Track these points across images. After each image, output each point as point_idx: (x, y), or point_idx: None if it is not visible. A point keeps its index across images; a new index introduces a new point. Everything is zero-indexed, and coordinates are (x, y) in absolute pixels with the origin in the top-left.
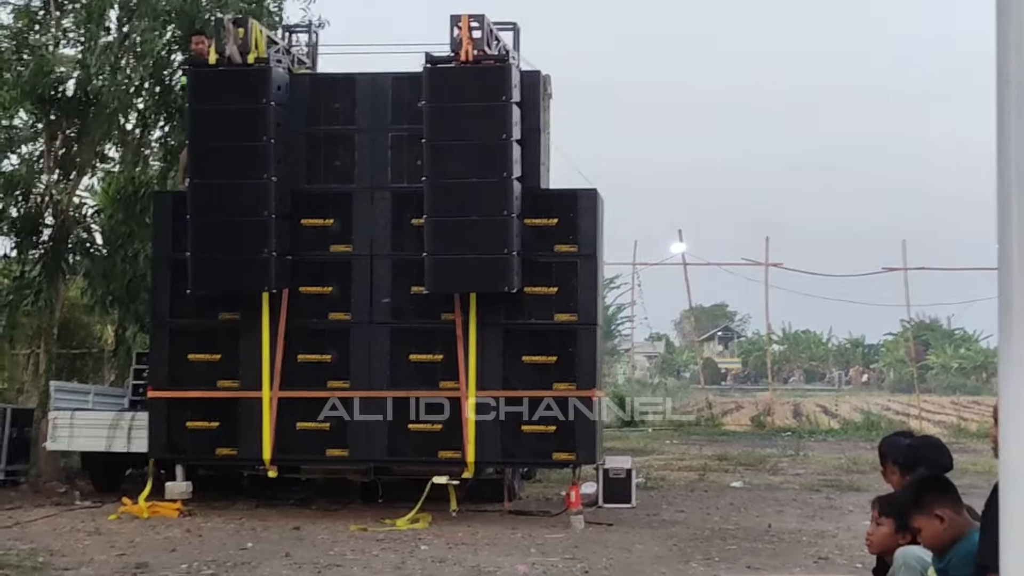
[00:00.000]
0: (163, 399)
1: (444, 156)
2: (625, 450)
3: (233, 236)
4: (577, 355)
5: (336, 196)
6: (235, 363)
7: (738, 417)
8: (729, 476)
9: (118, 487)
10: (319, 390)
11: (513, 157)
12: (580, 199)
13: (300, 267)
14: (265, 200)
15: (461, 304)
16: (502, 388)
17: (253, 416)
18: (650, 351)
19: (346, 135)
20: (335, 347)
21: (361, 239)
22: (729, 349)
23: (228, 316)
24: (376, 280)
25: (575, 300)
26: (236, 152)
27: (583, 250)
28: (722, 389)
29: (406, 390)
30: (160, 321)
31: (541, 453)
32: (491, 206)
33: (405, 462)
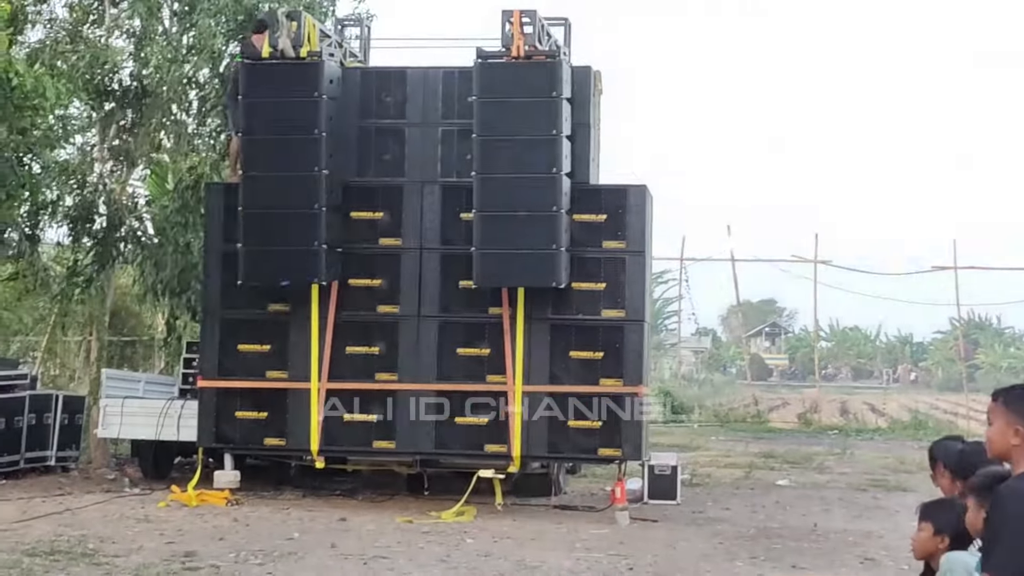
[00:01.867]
0: (212, 388)
1: (494, 151)
2: (671, 446)
3: (283, 228)
4: (624, 351)
5: (386, 189)
6: (284, 354)
7: (784, 414)
8: (775, 474)
9: (167, 475)
10: (367, 382)
11: (562, 152)
12: (629, 195)
13: (349, 260)
14: (316, 193)
15: (509, 299)
16: (549, 383)
17: (301, 407)
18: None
19: (397, 129)
20: (383, 340)
21: (410, 232)
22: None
23: (278, 307)
24: (425, 274)
25: (623, 296)
26: (288, 145)
27: (631, 246)
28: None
29: (453, 383)
30: (211, 311)
31: (587, 448)
32: (540, 201)
33: (451, 455)
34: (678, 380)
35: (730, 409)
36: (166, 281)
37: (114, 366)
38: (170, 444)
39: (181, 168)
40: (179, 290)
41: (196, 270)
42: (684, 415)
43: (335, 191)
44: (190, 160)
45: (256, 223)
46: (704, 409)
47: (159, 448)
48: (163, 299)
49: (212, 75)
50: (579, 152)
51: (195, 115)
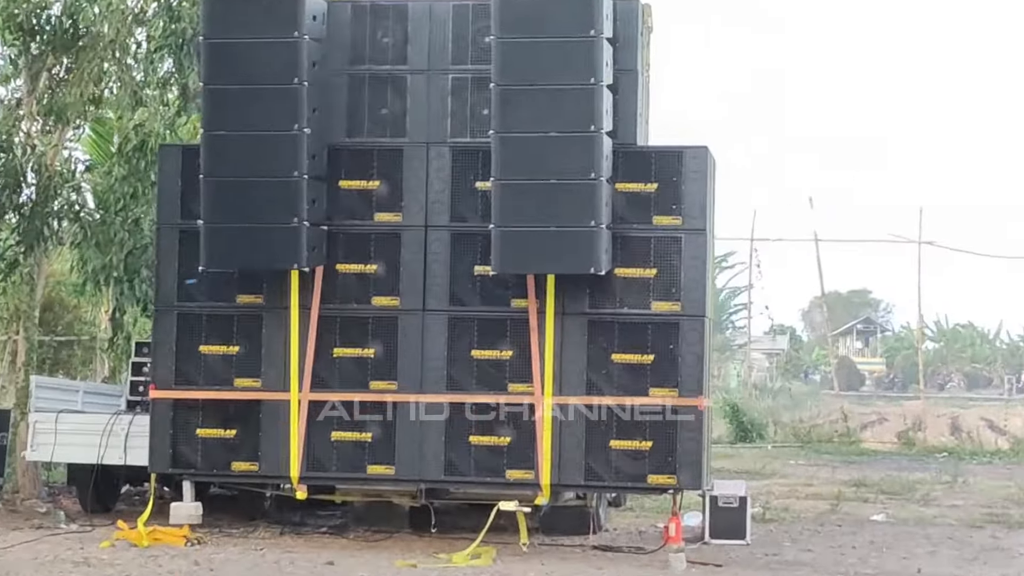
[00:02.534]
0: (168, 400)
1: (517, 104)
2: (738, 472)
3: (256, 201)
4: (680, 353)
5: (383, 153)
6: (257, 357)
7: (881, 432)
8: (869, 507)
9: (112, 508)
10: (360, 392)
11: (603, 106)
12: (686, 159)
13: (338, 240)
14: (295, 157)
15: (536, 288)
16: (586, 393)
17: (278, 423)
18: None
19: (396, 77)
20: (380, 339)
21: (413, 206)
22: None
23: (249, 299)
24: (431, 257)
25: (678, 285)
26: (260, 97)
27: (689, 222)
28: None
29: (467, 393)
30: (165, 304)
31: (634, 475)
32: (575, 166)
33: (464, 483)
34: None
35: (813, 426)
36: (110, 266)
37: (46, 372)
38: (116, 470)
39: (127, 126)
40: (126, 278)
41: (147, 253)
42: (755, 434)
43: (319, 155)
44: (138, 115)
45: (221, 194)
46: (780, 426)
47: (102, 475)
48: (107, 289)
49: (162, 9)
50: (624, 105)
51: (143, 59)
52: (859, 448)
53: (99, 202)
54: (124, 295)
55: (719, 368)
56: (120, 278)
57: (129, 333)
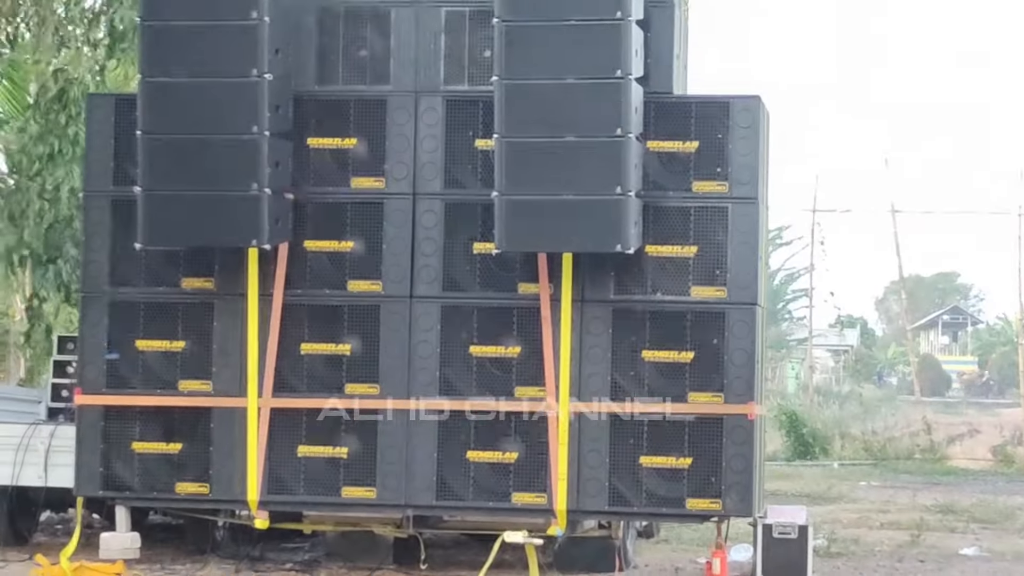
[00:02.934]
0: (98, 407)
1: (526, 44)
2: (797, 496)
3: (206, 163)
4: (726, 350)
5: (361, 104)
6: (206, 355)
7: (972, 447)
8: (958, 538)
9: (29, 539)
10: (333, 396)
11: (631, 46)
12: (734, 112)
13: (306, 211)
14: (254, 109)
15: (550, 271)
16: (611, 399)
17: (233, 435)
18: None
19: (377, 12)
20: (357, 333)
21: (398, 169)
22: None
23: (197, 284)
24: (420, 232)
25: (723, 266)
26: (211, 36)
27: (737, 190)
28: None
29: (465, 399)
30: (94, 289)
31: (669, 499)
32: (597, 121)
33: (461, 509)
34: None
35: (889, 439)
36: (26, 244)
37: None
38: (34, 492)
39: (45, 71)
40: (46, 258)
41: (72, 227)
42: (818, 449)
43: (283, 107)
44: (60, 59)
45: (163, 155)
46: (849, 440)
47: (17, 498)
48: (22, 271)
49: None
50: (657, 46)
51: None
52: (945, 466)
53: (11, 165)
54: (43, 279)
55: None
56: (39, 258)
57: (50, 325)
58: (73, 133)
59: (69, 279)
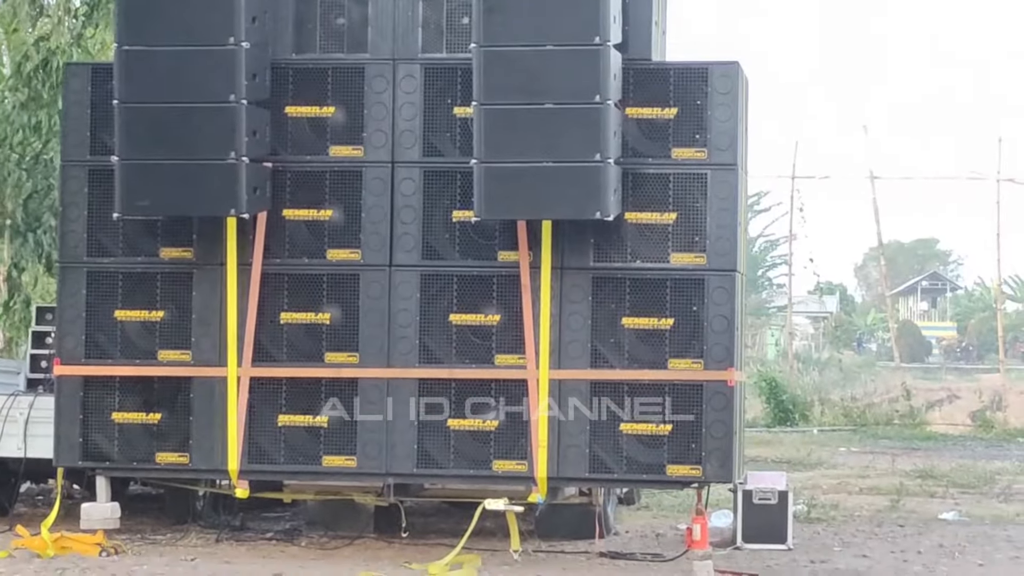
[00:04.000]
0: (77, 378)
1: (504, 10)
2: (778, 462)
3: (183, 132)
4: (705, 317)
5: (339, 72)
6: (186, 325)
7: (951, 412)
8: (937, 503)
9: (9, 510)
10: (313, 366)
11: (609, 12)
12: (713, 77)
13: (285, 180)
14: (231, 77)
15: (529, 238)
16: (590, 366)
17: (212, 405)
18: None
19: None
20: (337, 302)
21: (377, 137)
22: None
23: (175, 253)
24: (399, 200)
25: (703, 233)
26: (187, 3)
27: (716, 156)
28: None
29: (444, 367)
30: (72, 259)
31: (649, 466)
32: (575, 87)
33: (442, 477)
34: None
35: (868, 405)
36: (6, 214)
37: None
38: (13, 463)
39: (26, 40)
40: (24, 228)
41: (51, 197)
42: (798, 415)
43: (261, 75)
44: (39, 28)
45: (140, 124)
46: (828, 406)
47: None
48: (1, 241)
49: None
50: (635, 12)
51: None
52: (925, 432)
53: None
54: (23, 249)
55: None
56: (17, 228)
57: (28, 296)
58: (55, 103)
59: (49, 249)
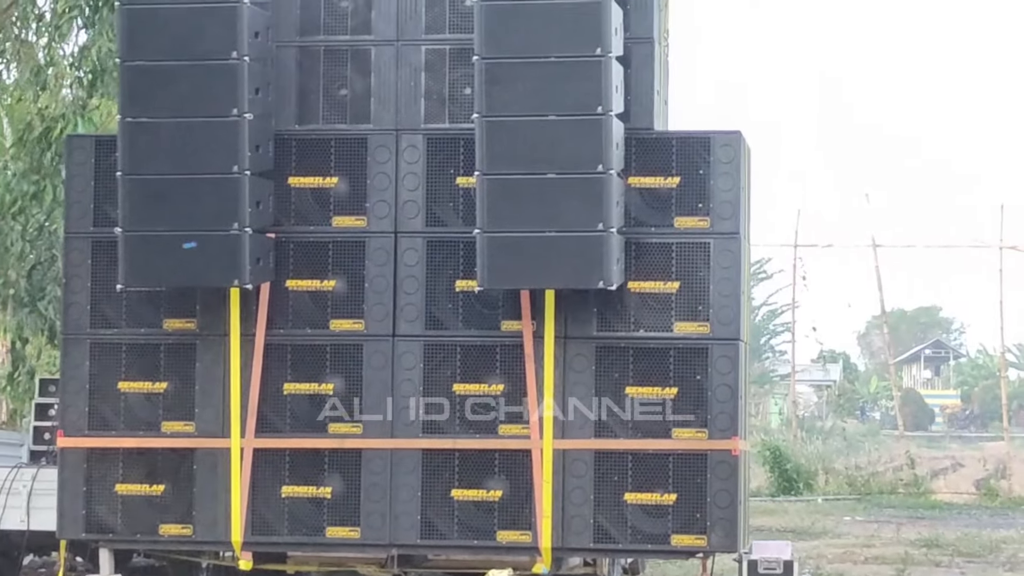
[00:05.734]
0: (80, 449)
1: (507, 81)
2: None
3: (187, 203)
4: (709, 386)
5: (342, 143)
6: (189, 396)
7: (956, 481)
8: (943, 572)
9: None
10: (316, 436)
11: (611, 82)
12: (715, 146)
13: (288, 250)
14: (234, 149)
15: (532, 308)
16: (595, 436)
17: (216, 476)
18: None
19: (357, 50)
20: (340, 373)
21: (380, 207)
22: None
23: (179, 324)
24: (402, 270)
25: (706, 302)
26: (191, 75)
27: (719, 225)
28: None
29: (448, 437)
30: (76, 331)
31: (654, 535)
32: (578, 157)
33: (446, 547)
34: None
35: (872, 474)
36: (9, 285)
37: None
38: (16, 536)
39: (29, 110)
40: (28, 299)
41: (54, 268)
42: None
43: (264, 146)
44: (42, 99)
45: (143, 195)
46: (833, 475)
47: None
48: (4, 312)
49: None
50: (637, 82)
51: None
52: (929, 500)
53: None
54: (25, 320)
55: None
56: (21, 300)
57: (32, 367)
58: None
59: (52, 321)
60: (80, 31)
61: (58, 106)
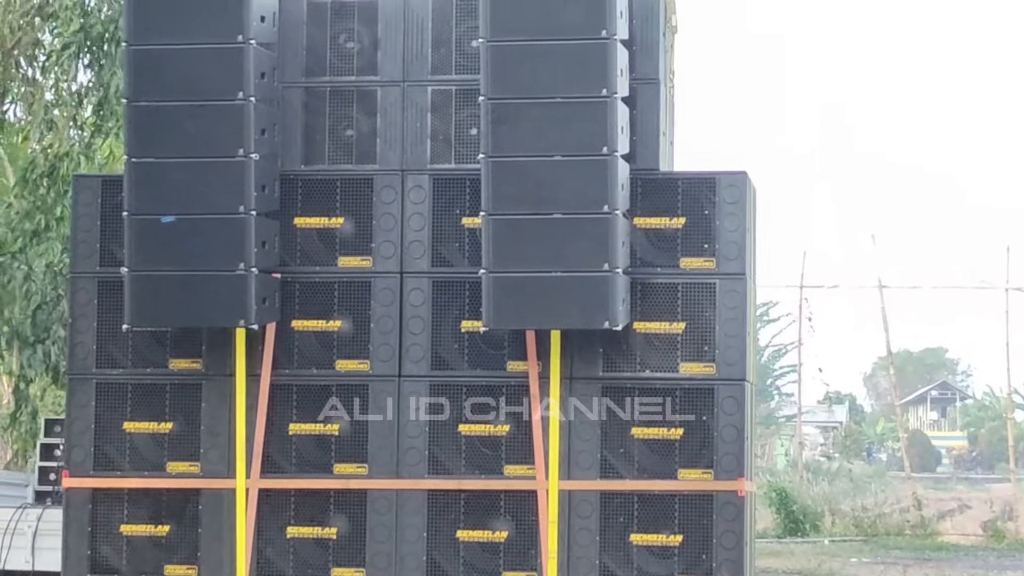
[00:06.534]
0: (85, 490)
1: (512, 121)
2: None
3: (192, 243)
4: (715, 427)
5: (348, 183)
6: (194, 436)
7: (963, 522)
8: None
9: None
10: (321, 477)
11: (617, 123)
12: (720, 187)
13: (293, 291)
14: (240, 189)
15: (538, 348)
16: (600, 477)
17: (221, 517)
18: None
19: (363, 91)
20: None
21: (385, 248)
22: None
23: (184, 364)
24: (408, 311)
25: (712, 342)
26: (197, 116)
27: (725, 265)
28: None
29: (454, 478)
30: (82, 371)
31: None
32: (584, 198)
33: None
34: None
35: (879, 516)
36: (13, 325)
37: None
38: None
39: (34, 148)
40: (33, 339)
41: (59, 308)
42: (808, 525)
43: (270, 186)
44: (46, 139)
45: (149, 235)
46: (839, 516)
47: None
48: (9, 352)
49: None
50: (643, 123)
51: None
52: (936, 542)
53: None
54: (30, 361)
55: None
56: (26, 339)
57: (36, 408)
58: (60, 210)
59: (57, 361)
60: (85, 70)
61: (62, 145)
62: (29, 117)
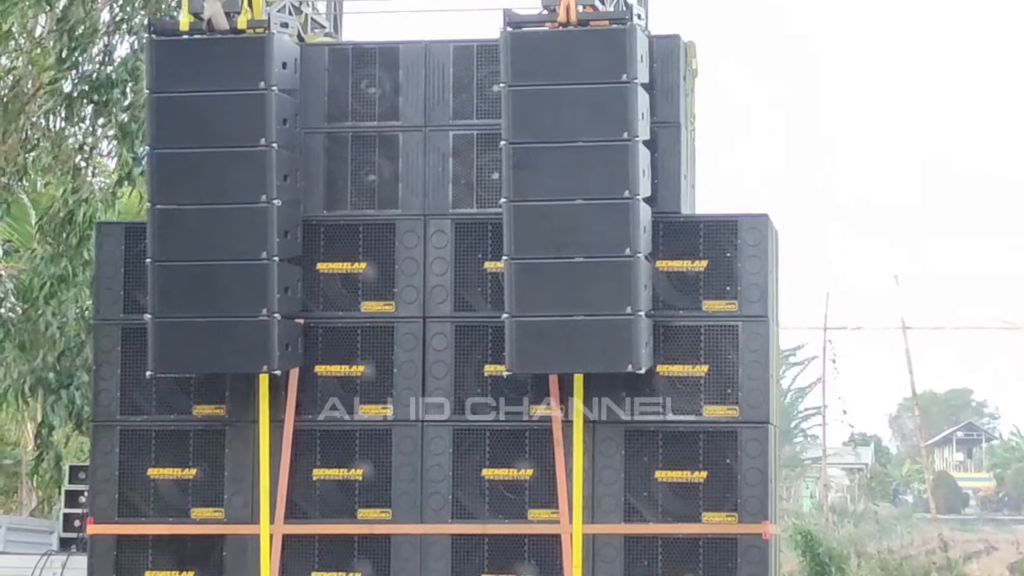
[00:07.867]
0: (110, 536)
1: (534, 166)
2: None
3: (215, 289)
4: (739, 470)
5: (370, 228)
6: (218, 482)
7: (989, 564)
8: None
9: None
10: (345, 522)
11: (639, 166)
12: (742, 229)
13: (316, 336)
14: (263, 235)
15: (561, 392)
16: (624, 520)
17: (245, 562)
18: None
19: (385, 136)
20: (369, 458)
21: (408, 293)
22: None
23: (208, 411)
24: (431, 355)
25: (735, 385)
26: (220, 162)
27: (747, 308)
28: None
29: (478, 522)
30: (106, 418)
31: None
32: (606, 241)
33: None
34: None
35: (905, 558)
36: (37, 372)
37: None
38: None
39: (55, 196)
40: (57, 386)
41: (83, 354)
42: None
43: (292, 232)
44: (67, 184)
45: (172, 282)
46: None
47: None
48: (33, 400)
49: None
50: (664, 166)
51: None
52: None
53: (21, 293)
54: (54, 408)
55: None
56: (49, 386)
57: (60, 455)
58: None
59: (80, 408)
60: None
61: (84, 190)
62: (66, 168)
